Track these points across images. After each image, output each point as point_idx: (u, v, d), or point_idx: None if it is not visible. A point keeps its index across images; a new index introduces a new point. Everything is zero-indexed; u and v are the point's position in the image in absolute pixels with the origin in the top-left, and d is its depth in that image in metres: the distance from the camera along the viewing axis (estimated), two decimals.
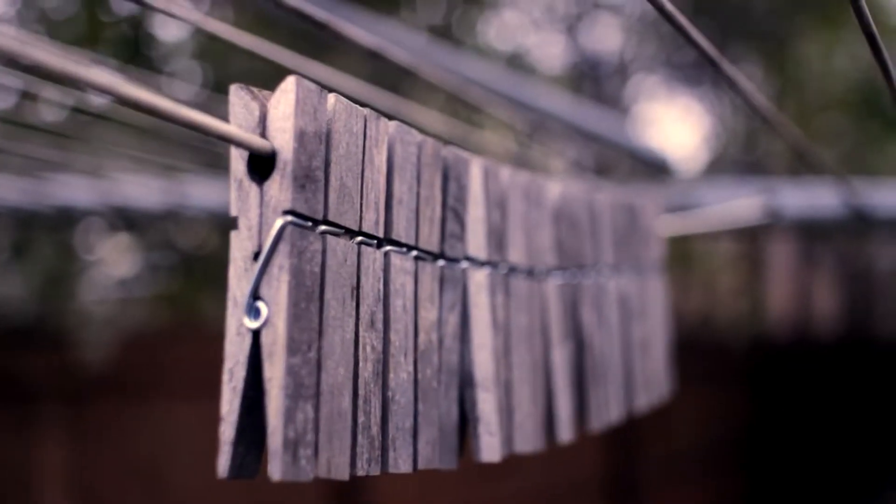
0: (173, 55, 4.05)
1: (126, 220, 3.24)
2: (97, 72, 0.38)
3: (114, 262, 4.19)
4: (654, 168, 1.57)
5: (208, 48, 4.05)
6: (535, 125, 1.05)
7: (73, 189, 1.80)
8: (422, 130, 0.61)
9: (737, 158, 7.49)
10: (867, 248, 8.55)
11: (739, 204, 1.33)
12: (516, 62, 6.10)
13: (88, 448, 3.49)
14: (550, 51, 6.93)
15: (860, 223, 1.19)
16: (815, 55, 6.68)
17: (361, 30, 0.80)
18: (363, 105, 0.56)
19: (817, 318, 8.81)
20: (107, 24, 3.85)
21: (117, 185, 1.82)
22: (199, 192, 1.83)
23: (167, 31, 4.11)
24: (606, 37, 7.14)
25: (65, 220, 3.08)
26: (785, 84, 6.66)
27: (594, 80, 6.87)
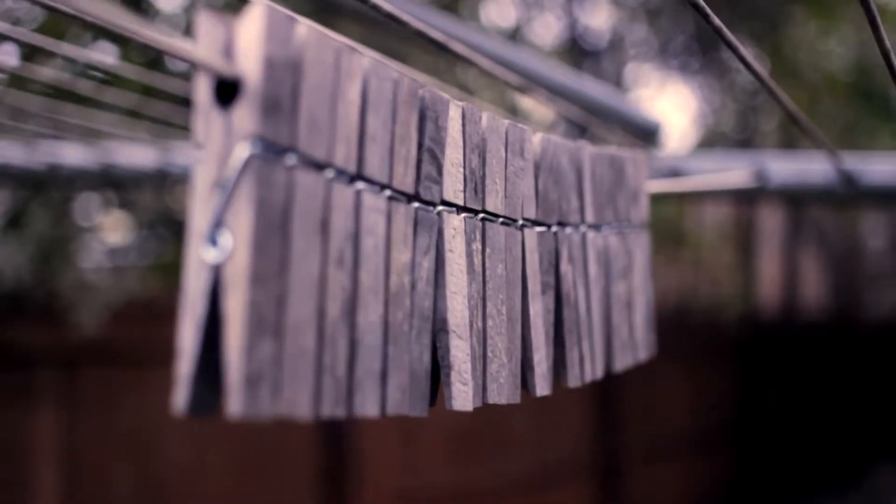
0: (173, 27, 4.02)
1: (119, 186, 3.22)
2: None
3: (108, 231, 4.17)
4: (646, 133, 1.55)
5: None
6: (530, 87, 1.03)
7: (68, 152, 1.78)
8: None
9: (728, 136, 7.49)
10: (856, 227, 8.60)
11: (730, 173, 1.32)
12: (515, 37, 6.08)
13: (81, 416, 3.48)
14: (548, 29, 6.91)
15: (849, 190, 1.17)
16: (808, 40, 6.67)
17: None
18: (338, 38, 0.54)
19: (806, 296, 8.85)
20: None
21: (113, 148, 1.81)
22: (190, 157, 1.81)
23: (165, 1, 4.07)
24: (602, 17, 7.12)
25: (60, 185, 3.07)
26: (777, 68, 6.64)
27: (593, 57, 6.84)
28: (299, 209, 0.49)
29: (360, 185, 0.54)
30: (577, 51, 6.68)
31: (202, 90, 0.49)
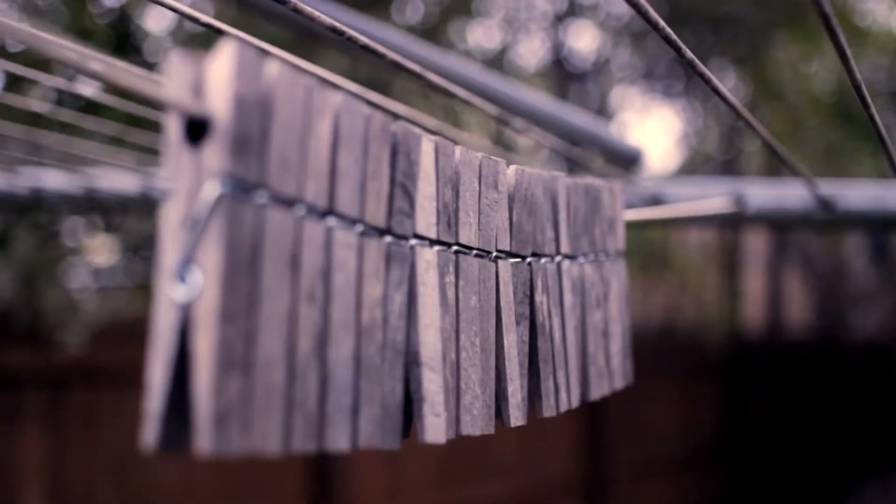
0: (159, 49, 4.04)
1: (103, 211, 3.22)
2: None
3: (93, 252, 4.17)
4: (627, 160, 1.56)
5: (192, 44, 4.04)
6: (509, 116, 1.04)
7: (51, 178, 1.78)
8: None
9: (712, 157, 7.57)
10: (840, 249, 8.67)
11: (709, 199, 1.33)
12: (499, 63, 6.13)
13: (66, 436, 3.46)
14: (533, 52, 6.96)
15: (827, 215, 1.18)
16: (790, 63, 6.74)
17: (331, 19, 0.79)
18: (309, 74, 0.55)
19: (791, 317, 8.89)
20: (94, 15, 3.83)
21: (97, 174, 1.81)
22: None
23: (154, 24, 4.09)
24: (587, 40, 7.20)
25: (44, 209, 3.07)
26: (760, 91, 6.71)
27: (578, 80, 6.90)
28: (269, 246, 0.49)
29: (332, 220, 0.54)
30: (562, 74, 6.73)
31: (173, 128, 0.49)
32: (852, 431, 8.52)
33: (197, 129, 0.49)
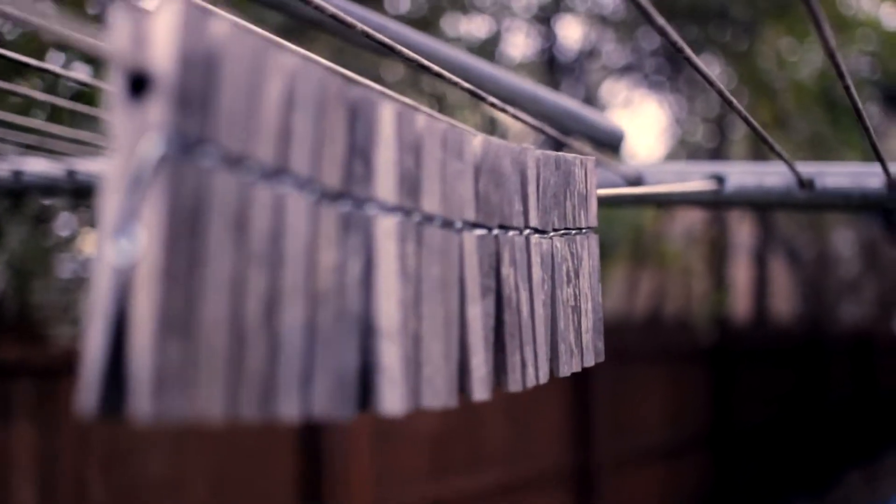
0: None
1: (86, 195, 3.19)
2: None
3: (84, 243, 4.14)
4: (610, 143, 1.55)
5: None
6: (484, 93, 1.03)
7: (35, 164, 1.76)
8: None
9: (696, 148, 7.60)
10: (826, 240, 8.71)
11: (689, 178, 1.32)
12: (489, 54, 6.12)
13: (58, 428, 3.44)
14: (523, 45, 6.96)
15: (805, 193, 1.17)
16: (774, 57, 6.75)
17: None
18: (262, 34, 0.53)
19: (777, 307, 8.92)
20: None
21: (80, 161, 1.79)
22: None
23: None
24: (576, 32, 7.23)
25: (27, 193, 3.04)
26: (747, 81, 6.72)
27: (568, 72, 6.89)
28: (215, 206, 0.48)
29: (284, 182, 0.53)
30: (551, 66, 6.72)
31: (116, 83, 0.48)
32: (838, 420, 8.55)
33: (141, 84, 0.47)
